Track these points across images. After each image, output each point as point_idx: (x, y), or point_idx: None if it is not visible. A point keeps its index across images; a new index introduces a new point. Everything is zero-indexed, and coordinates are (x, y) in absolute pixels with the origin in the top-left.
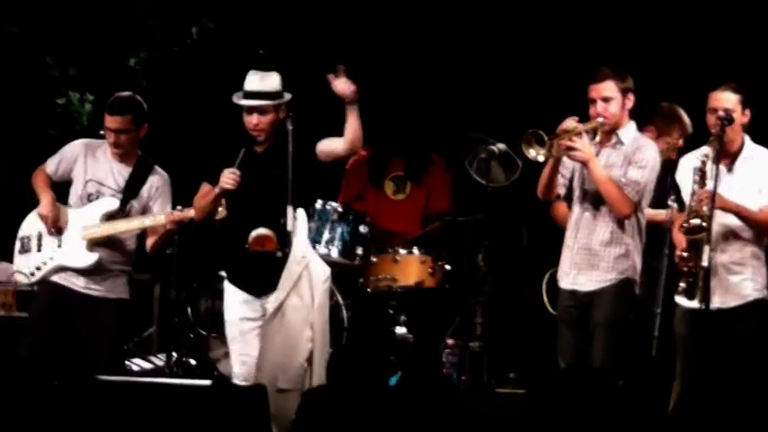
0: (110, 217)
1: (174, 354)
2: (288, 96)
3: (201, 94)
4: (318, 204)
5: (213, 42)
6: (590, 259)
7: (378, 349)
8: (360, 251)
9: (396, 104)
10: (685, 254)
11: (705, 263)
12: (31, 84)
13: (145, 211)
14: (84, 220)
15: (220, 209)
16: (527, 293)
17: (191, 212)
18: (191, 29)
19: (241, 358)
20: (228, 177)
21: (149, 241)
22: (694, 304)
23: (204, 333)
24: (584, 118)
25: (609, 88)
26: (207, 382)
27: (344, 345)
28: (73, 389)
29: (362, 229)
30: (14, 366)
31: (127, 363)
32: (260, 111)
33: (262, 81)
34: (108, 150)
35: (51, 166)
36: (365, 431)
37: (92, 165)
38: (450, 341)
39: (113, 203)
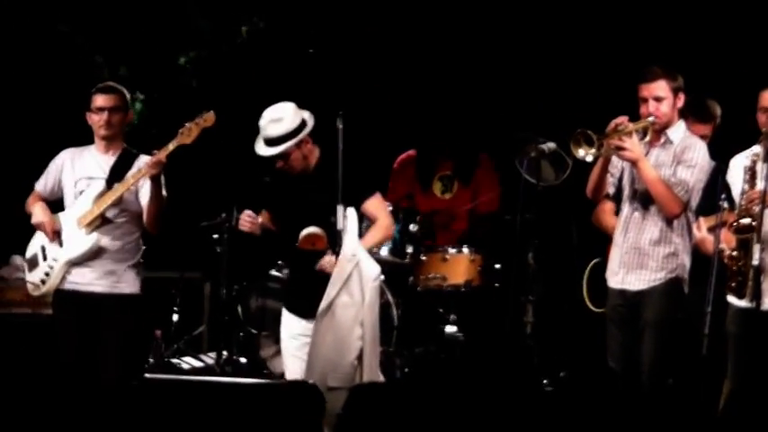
0: (99, 197)
1: (225, 352)
2: (307, 128)
3: (250, 95)
4: None
5: (263, 42)
6: (639, 258)
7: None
8: (410, 250)
9: (444, 105)
10: (735, 253)
11: (756, 262)
12: (81, 83)
13: (135, 195)
14: (78, 211)
15: None
16: (577, 292)
17: (169, 147)
18: (240, 28)
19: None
20: (245, 221)
21: (146, 218)
22: (746, 303)
23: (254, 331)
24: (634, 117)
25: (661, 88)
26: (258, 381)
27: None
28: (122, 388)
29: (412, 227)
30: (56, 369)
31: (177, 361)
32: (281, 155)
33: (273, 127)
34: (93, 149)
35: (40, 184)
36: (412, 428)
37: (79, 165)
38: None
39: (100, 186)
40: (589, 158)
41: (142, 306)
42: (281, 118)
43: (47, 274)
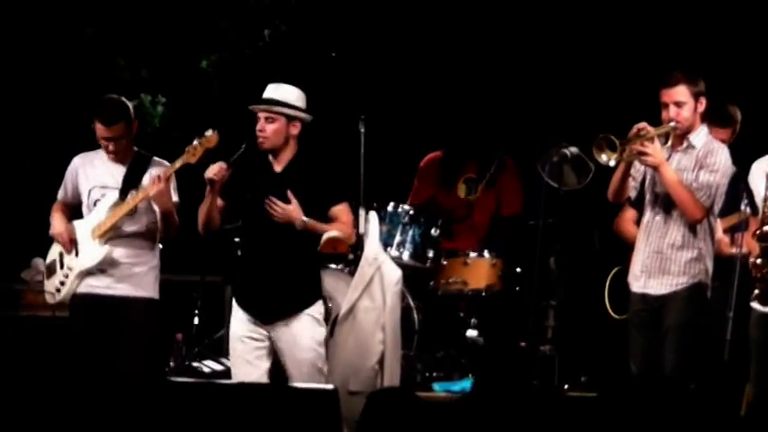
0: (113, 208)
1: None
2: (304, 115)
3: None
4: (390, 207)
5: (285, 45)
6: (661, 263)
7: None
8: (431, 254)
9: (471, 108)
10: (759, 261)
11: None
12: (104, 85)
13: (148, 203)
14: (93, 221)
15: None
16: (598, 297)
17: (167, 171)
18: (263, 31)
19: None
20: (213, 167)
21: (159, 228)
22: None
23: None
24: (656, 122)
25: (681, 93)
26: (278, 385)
27: None
28: (143, 390)
29: (434, 231)
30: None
31: (197, 364)
32: (267, 117)
33: (276, 90)
34: (104, 155)
35: (60, 193)
36: None
37: (91, 173)
38: (521, 344)
39: (114, 196)
40: (611, 163)
41: (160, 310)
42: (285, 88)
43: (62, 283)
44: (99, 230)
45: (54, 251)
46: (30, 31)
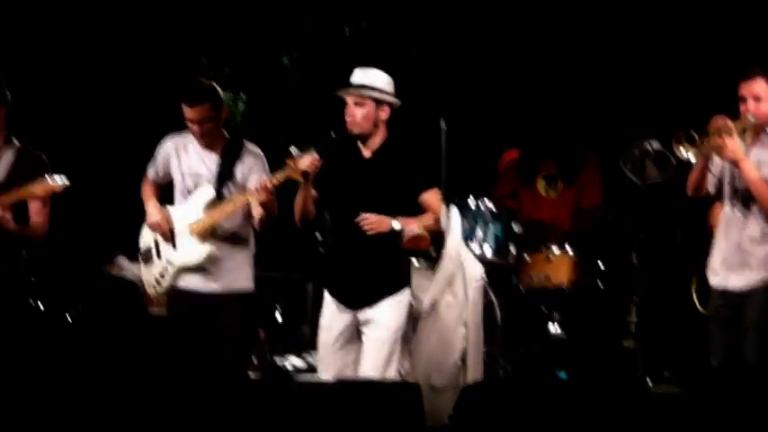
0: (210, 206)
1: None
2: (393, 99)
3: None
4: (471, 203)
5: (366, 42)
6: (741, 258)
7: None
8: (513, 250)
9: (546, 104)
10: None
11: None
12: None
13: (244, 191)
14: (189, 215)
15: None
16: (681, 291)
17: (273, 180)
18: (343, 28)
19: (327, 367)
20: (305, 160)
21: (254, 221)
22: None
23: None
24: (734, 116)
25: (760, 86)
26: (361, 380)
27: None
28: (224, 387)
29: (516, 227)
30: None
31: (280, 360)
32: (356, 102)
33: (364, 75)
34: (196, 141)
35: (151, 171)
36: (523, 427)
37: (184, 158)
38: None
39: (210, 192)
40: (691, 158)
41: (254, 300)
42: (373, 72)
43: (162, 275)
44: (197, 228)
45: (149, 237)
46: (113, 30)
